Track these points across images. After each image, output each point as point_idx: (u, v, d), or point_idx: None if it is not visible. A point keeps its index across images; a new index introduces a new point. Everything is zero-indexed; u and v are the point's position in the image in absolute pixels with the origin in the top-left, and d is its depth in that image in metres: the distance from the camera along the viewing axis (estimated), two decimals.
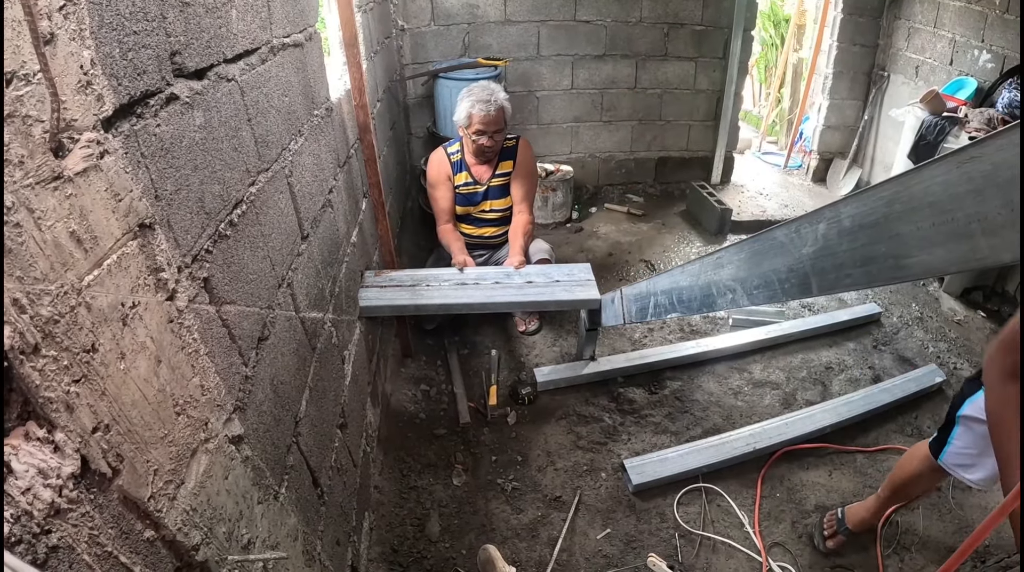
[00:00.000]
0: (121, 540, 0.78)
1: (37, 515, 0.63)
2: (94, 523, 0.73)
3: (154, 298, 0.89)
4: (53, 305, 0.67)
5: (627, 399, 3.14)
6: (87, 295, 0.74)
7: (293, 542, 1.39)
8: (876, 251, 1.05)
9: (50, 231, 0.68)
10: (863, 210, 1.07)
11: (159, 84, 0.99)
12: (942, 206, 0.90)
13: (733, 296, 1.62)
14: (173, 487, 0.89)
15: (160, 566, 0.87)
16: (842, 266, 1.14)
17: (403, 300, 2.79)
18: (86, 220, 0.75)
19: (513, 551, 2.39)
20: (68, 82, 0.73)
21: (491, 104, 3.10)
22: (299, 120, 1.79)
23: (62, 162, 0.72)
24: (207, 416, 1.01)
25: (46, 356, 0.66)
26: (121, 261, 0.82)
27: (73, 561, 0.69)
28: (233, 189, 1.28)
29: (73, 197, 0.73)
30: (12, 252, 0.62)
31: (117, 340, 0.79)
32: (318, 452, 1.74)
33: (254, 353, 1.33)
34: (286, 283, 1.59)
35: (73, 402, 0.70)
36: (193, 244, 1.08)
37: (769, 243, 1.39)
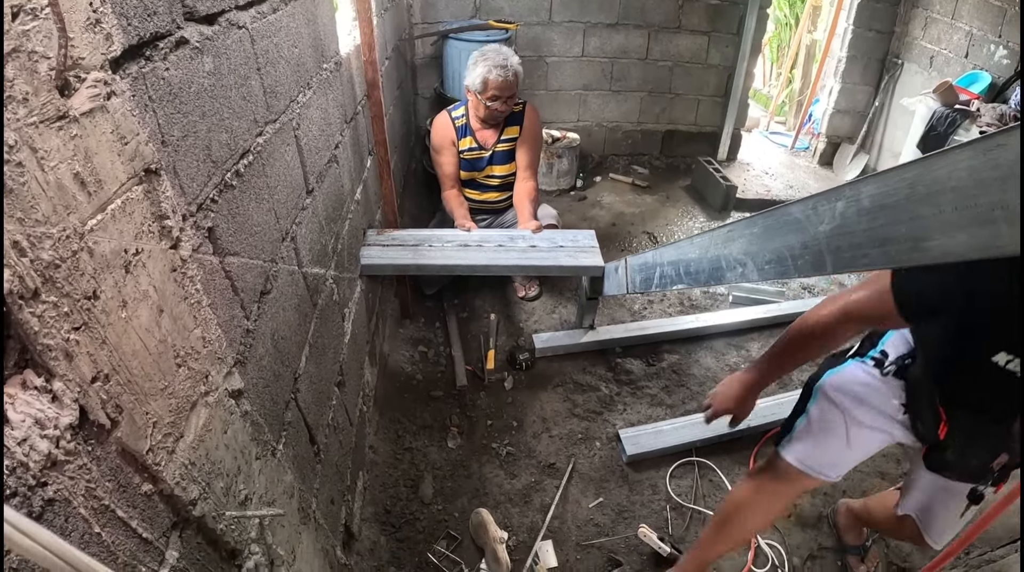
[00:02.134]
0: (118, 493, 0.77)
1: (33, 467, 0.61)
2: (91, 476, 0.71)
3: (158, 246, 0.86)
4: (54, 249, 0.65)
5: (624, 369, 3.14)
6: (90, 240, 0.71)
7: (289, 499, 1.38)
8: (895, 232, 1.03)
9: (53, 172, 0.65)
10: (884, 190, 1.05)
11: (169, 27, 0.95)
12: (966, 191, 0.88)
13: (743, 270, 1.60)
14: (172, 440, 0.87)
15: (157, 521, 0.85)
16: (859, 246, 1.12)
17: (405, 259, 2.77)
18: (91, 162, 0.72)
19: (505, 516, 2.40)
20: (77, 19, 0.69)
21: (508, 70, 3.06)
22: (308, 73, 1.75)
23: (68, 101, 0.68)
24: (208, 369, 0.99)
25: (46, 302, 0.63)
26: (125, 206, 0.79)
27: (69, 515, 0.67)
28: (240, 139, 1.25)
29: (78, 138, 0.69)
30: (13, 193, 0.59)
31: (119, 287, 0.76)
32: (316, 409, 1.73)
33: (256, 306, 1.31)
34: (290, 237, 1.56)
35: (73, 350, 0.67)
36: (199, 192, 1.05)
37: (784, 219, 1.37)
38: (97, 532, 0.71)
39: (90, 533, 0.70)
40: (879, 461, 2.65)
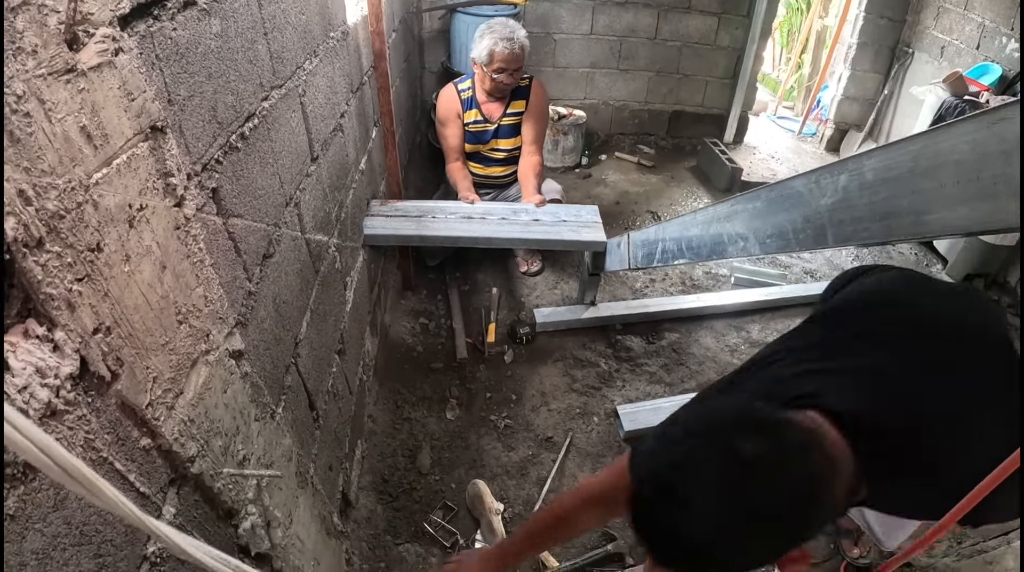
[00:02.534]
0: (117, 446, 0.77)
1: (33, 415, 0.62)
2: (90, 427, 0.71)
3: (162, 203, 0.86)
4: (60, 199, 0.65)
5: (624, 346, 3.14)
6: (95, 193, 0.71)
7: (287, 463, 1.39)
8: (897, 206, 1.02)
9: (60, 124, 0.65)
10: (887, 163, 1.04)
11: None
12: (968, 165, 0.87)
13: (745, 244, 1.60)
14: (172, 396, 0.88)
15: (155, 476, 0.86)
16: (861, 219, 1.11)
17: (408, 230, 2.76)
18: (97, 116, 0.72)
19: (502, 488, 2.41)
20: None
21: (514, 42, 3.04)
22: (315, 40, 1.75)
23: (76, 55, 0.69)
24: (209, 327, 0.99)
25: (50, 251, 0.64)
26: (131, 162, 0.79)
27: None
28: (246, 102, 1.25)
29: (85, 91, 0.70)
30: (20, 142, 0.59)
31: (123, 241, 0.76)
32: (316, 375, 1.74)
33: (258, 269, 1.31)
34: (294, 202, 1.56)
35: (75, 301, 0.68)
36: (204, 152, 1.05)
37: (787, 192, 1.36)
38: None
39: None
40: None
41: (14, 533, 0.60)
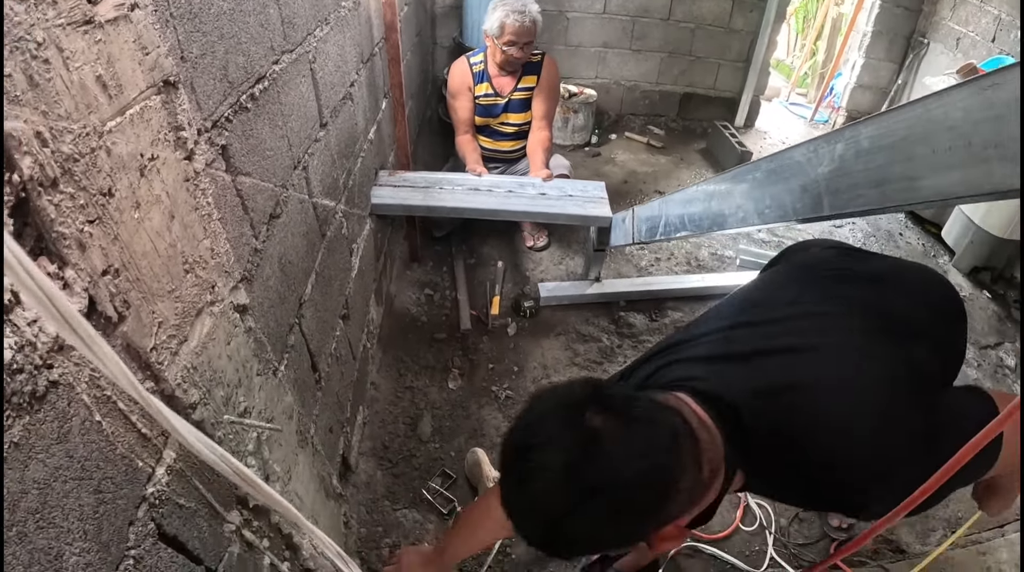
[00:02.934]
0: (120, 387, 0.80)
1: (40, 347, 0.64)
2: (96, 365, 0.74)
3: (173, 155, 0.89)
4: (74, 143, 0.68)
5: (627, 323, 3.17)
6: (108, 140, 0.74)
7: (288, 420, 1.42)
8: (891, 172, 1.04)
9: (77, 72, 0.68)
10: (882, 131, 1.06)
11: None
12: (960, 130, 0.89)
13: (744, 214, 1.62)
14: (176, 342, 0.91)
15: (156, 419, 0.89)
16: (856, 186, 1.13)
17: (415, 200, 2.79)
18: (113, 67, 0.75)
19: None
20: None
21: (526, 15, 3.05)
22: (326, 9, 1.77)
23: (94, 7, 0.71)
24: (215, 279, 1.02)
25: (63, 192, 0.66)
26: (143, 113, 0.81)
27: (72, 399, 0.70)
28: (257, 64, 1.27)
29: (102, 43, 0.72)
30: (39, 87, 0.62)
31: (133, 189, 0.79)
32: (319, 337, 1.77)
33: (265, 228, 1.34)
34: (301, 166, 1.59)
35: (86, 241, 0.70)
36: (214, 110, 1.08)
37: (786, 162, 1.38)
38: (98, 421, 0.75)
39: (91, 421, 0.74)
40: None
41: (17, 461, 0.62)
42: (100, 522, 0.75)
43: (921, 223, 4.18)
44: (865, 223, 4.27)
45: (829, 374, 1.10)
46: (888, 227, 4.20)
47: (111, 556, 0.77)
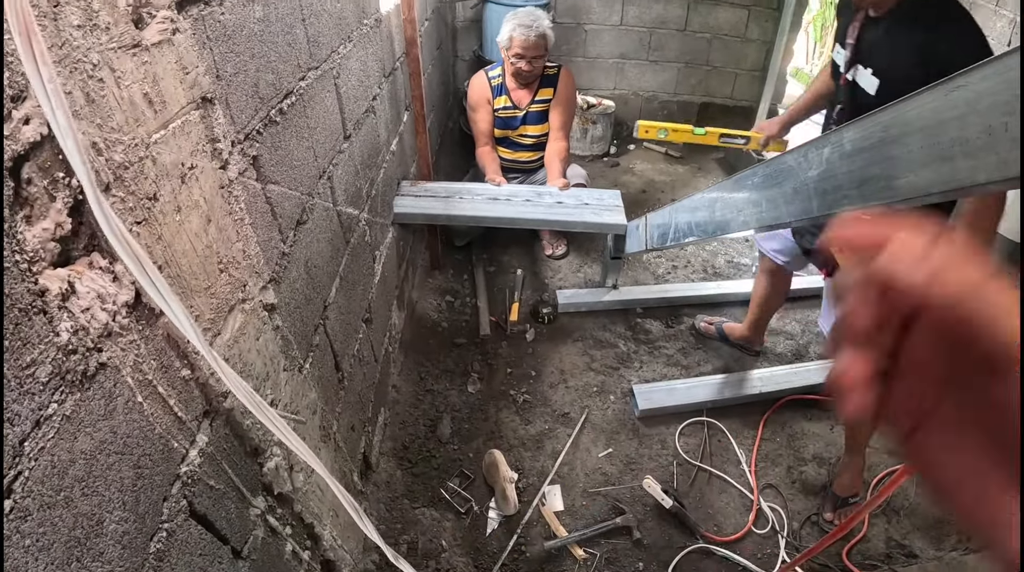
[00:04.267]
0: (161, 372, 0.88)
1: (92, 332, 0.72)
2: (139, 351, 0.82)
3: (209, 164, 0.97)
4: (125, 153, 0.76)
5: (643, 329, 3.23)
6: (154, 150, 0.82)
7: (312, 415, 1.49)
8: (871, 173, 1.11)
9: (127, 90, 0.77)
10: (863, 134, 1.14)
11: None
12: (930, 130, 0.96)
13: (745, 218, 1.68)
14: (211, 335, 0.99)
15: (191, 404, 0.97)
16: (840, 187, 1.20)
17: (436, 209, 2.87)
18: (157, 85, 0.83)
19: (518, 459, 2.51)
20: None
21: (532, 30, 3.12)
22: (349, 27, 1.86)
23: (141, 32, 0.80)
24: (246, 279, 1.10)
25: (115, 196, 0.75)
26: (184, 126, 0.90)
27: (118, 381, 0.78)
28: (285, 80, 1.36)
29: (148, 64, 0.81)
30: (95, 103, 0.71)
31: (175, 194, 0.87)
32: (342, 338, 1.85)
33: (292, 233, 1.42)
34: (326, 176, 1.67)
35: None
36: (247, 123, 1.16)
37: (780, 167, 1.46)
38: (139, 401, 0.83)
39: (133, 401, 0.82)
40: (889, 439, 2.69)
41: (68, 432, 0.70)
42: (138, 495, 0.83)
43: None
44: None
45: None
46: None
47: (146, 527, 0.85)
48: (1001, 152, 0.84)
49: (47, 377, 0.66)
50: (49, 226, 0.67)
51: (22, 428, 0.63)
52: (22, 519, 0.63)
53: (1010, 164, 0.83)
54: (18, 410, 0.62)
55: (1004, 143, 0.83)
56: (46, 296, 0.66)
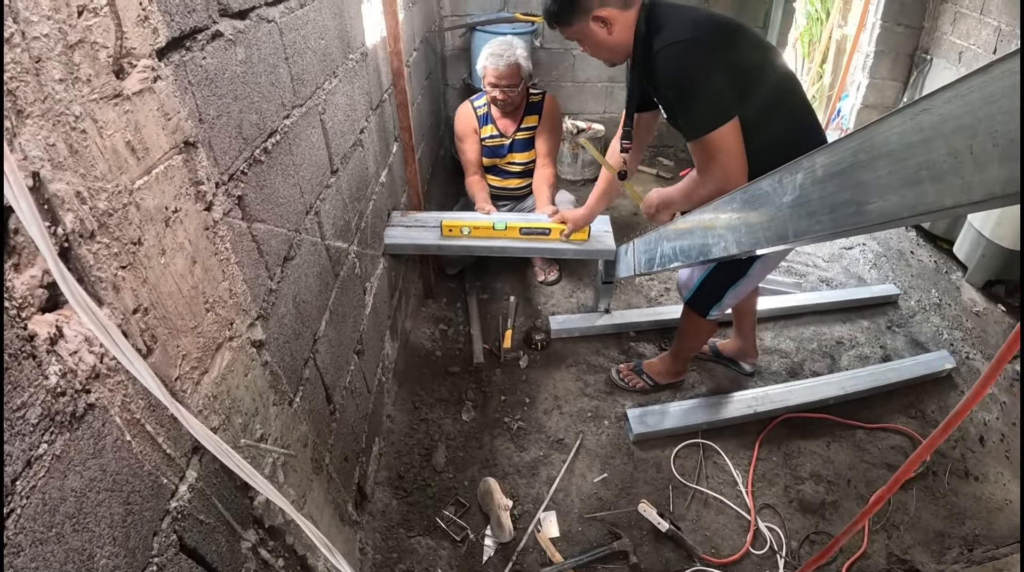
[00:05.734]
0: (149, 411, 0.89)
1: (80, 375, 0.75)
2: (127, 392, 0.84)
3: (194, 207, 1.00)
4: (109, 200, 0.79)
5: (637, 353, 3.24)
6: (137, 196, 0.85)
7: (303, 448, 1.51)
8: (841, 198, 1.12)
9: (110, 139, 0.80)
10: (834, 159, 1.15)
11: (206, 22, 1.10)
12: (897, 155, 0.97)
13: (724, 244, 1.70)
14: (198, 373, 1.01)
15: (180, 441, 0.98)
16: (814, 213, 1.21)
17: (427, 240, 2.89)
18: (140, 133, 0.87)
19: (513, 486, 2.52)
20: (129, 15, 0.84)
21: (502, 59, 3.17)
22: (334, 62, 1.89)
23: (122, 83, 0.84)
24: (233, 317, 1.13)
25: (100, 242, 0.77)
26: (167, 171, 0.93)
27: (106, 421, 0.80)
28: (269, 120, 1.39)
29: (130, 113, 0.84)
30: (78, 153, 0.74)
31: (160, 238, 0.90)
32: (333, 371, 1.87)
33: (279, 270, 1.44)
34: (313, 211, 1.70)
35: (119, 284, 0.81)
36: (230, 164, 1.19)
37: (757, 193, 1.47)
38: (128, 440, 0.85)
39: (122, 440, 0.84)
40: (886, 453, 2.72)
41: (58, 471, 0.72)
42: (128, 530, 0.85)
43: (933, 240, 4.16)
44: (876, 244, 4.32)
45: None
46: (899, 246, 4.22)
47: (136, 562, 0.87)
48: (966, 176, 0.86)
49: (37, 419, 0.68)
50: (36, 273, 0.69)
51: (14, 468, 0.65)
52: (15, 555, 0.65)
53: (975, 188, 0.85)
54: (10, 451, 0.64)
55: (968, 167, 0.85)
56: (35, 341, 0.68)
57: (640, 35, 2.02)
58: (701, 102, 1.94)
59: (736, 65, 1.94)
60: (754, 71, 2.01)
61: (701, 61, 1.91)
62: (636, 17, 2.02)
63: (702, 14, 2.08)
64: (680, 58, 1.92)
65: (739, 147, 1.95)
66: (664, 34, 1.94)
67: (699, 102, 1.95)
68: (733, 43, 1.99)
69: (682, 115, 2.03)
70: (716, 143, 1.94)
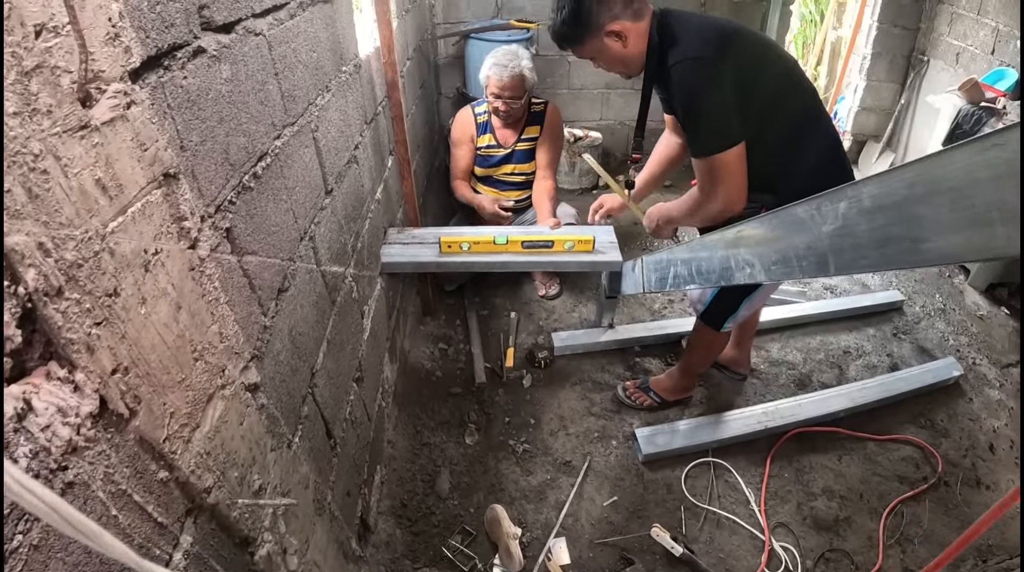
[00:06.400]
0: (135, 479, 0.81)
1: (55, 451, 0.66)
2: (110, 461, 0.75)
3: (176, 246, 0.91)
4: (77, 250, 0.69)
5: (643, 368, 3.16)
6: (111, 241, 0.75)
7: (304, 490, 1.42)
8: (894, 233, 1.03)
9: (76, 178, 0.70)
10: (884, 190, 1.06)
11: (187, 37, 1.00)
12: (962, 191, 0.89)
13: (751, 270, 1.61)
14: (188, 430, 0.91)
15: (172, 506, 0.89)
16: (860, 246, 1.13)
17: (425, 257, 2.81)
18: (111, 168, 0.76)
19: (520, 512, 2.43)
20: (96, 34, 0.74)
21: (507, 69, 3.09)
22: (326, 76, 1.80)
23: (89, 112, 0.73)
24: (224, 363, 1.03)
25: (69, 299, 0.68)
26: (145, 209, 0.83)
27: (88, 497, 0.71)
28: (258, 142, 1.29)
29: (99, 146, 0.74)
30: (39, 198, 0.64)
31: (139, 285, 0.80)
32: (333, 404, 1.78)
33: (273, 304, 1.35)
34: (308, 236, 1.61)
35: (94, 344, 0.72)
36: (217, 194, 1.10)
37: (789, 219, 1.38)
38: (114, 515, 0.76)
39: (108, 516, 0.75)
40: (897, 465, 2.66)
41: (37, 562, 0.64)
42: None
43: None
44: None
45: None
46: None
47: None
48: None
49: (8, 509, 0.60)
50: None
51: None
52: None
53: None
54: None
55: None
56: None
57: (654, 45, 1.97)
58: (708, 123, 1.90)
59: (753, 84, 1.90)
60: (773, 91, 1.97)
61: (713, 81, 1.85)
62: (649, 27, 1.96)
63: (719, 26, 1.98)
64: (690, 77, 1.87)
65: (743, 170, 1.92)
66: (679, 48, 1.89)
67: (707, 123, 1.91)
68: (749, 60, 1.93)
69: (690, 132, 1.99)
70: (721, 166, 1.90)
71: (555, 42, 2.04)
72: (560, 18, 1.94)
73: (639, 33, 1.96)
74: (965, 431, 2.84)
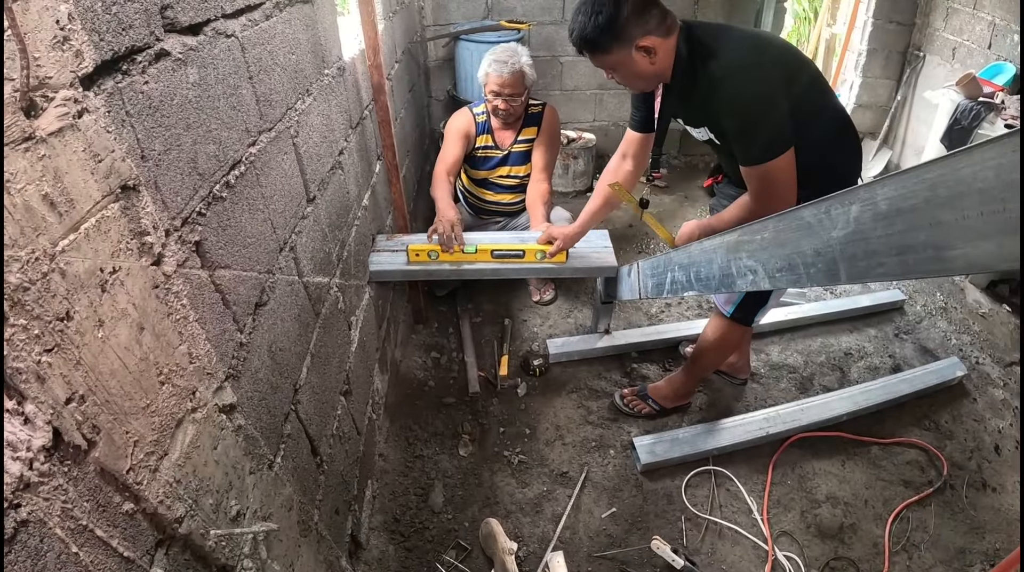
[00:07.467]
0: (97, 513, 0.75)
1: (5, 489, 0.61)
2: (67, 496, 0.70)
3: (137, 263, 0.84)
4: (23, 272, 0.63)
5: (640, 375, 3.11)
6: (61, 261, 0.69)
7: (288, 512, 1.36)
8: (914, 239, 0.95)
9: (20, 195, 0.64)
10: (902, 193, 0.97)
11: (147, 39, 0.93)
12: (993, 194, 0.80)
13: (754, 277, 1.54)
14: (155, 458, 0.86)
15: (140, 539, 0.84)
16: (875, 253, 1.05)
17: (415, 265, 2.75)
18: (61, 182, 0.71)
19: (516, 526, 2.37)
20: (41, 38, 0.68)
21: (506, 66, 3.02)
22: (307, 79, 1.74)
23: (34, 122, 0.68)
24: (195, 385, 0.97)
25: (14, 325, 0.62)
26: (100, 225, 0.77)
27: (44, 535, 0.66)
28: (231, 149, 1.23)
29: (46, 158, 0.69)
30: None
31: (95, 307, 0.75)
32: (318, 420, 1.72)
33: (250, 319, 1.29)
34: (288, 247, 1.54)
35: (44, 373, 0.66)
36: (184, 206, 1.03)
37: (795, 222, 1.31)
38: (75, 552, 0.71)
39: (67, 553, 0.70)
40: (902, 468, 2.61)
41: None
42: None
43: None
44: None
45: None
46: None
47: None
48: None
49: None
50: None
51: None
52: None
53: None
54: None
55: None
56: None
57: (682, 59, 1.94)
58: (768, 129, 1.88)
59: (793, 88, 1.90)
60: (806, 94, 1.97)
61: (770, 87, 1.85)
62: (676, 43, 1.93)
63: (752, 34, 2.01)
64: (751, 84, 1.85)
65: (794, 176, 1.91)
66: (721, 59, 1.86)
67: (765, 129, 1.88)
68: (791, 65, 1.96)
69: (742, 140, 1.95)
70: (777, 172, 1.89)
71: (576, 45, 1.97)
72: (593, 23, 1.87)
73: (667, 50, 1.92)
74: (970, 432, 2.79)
